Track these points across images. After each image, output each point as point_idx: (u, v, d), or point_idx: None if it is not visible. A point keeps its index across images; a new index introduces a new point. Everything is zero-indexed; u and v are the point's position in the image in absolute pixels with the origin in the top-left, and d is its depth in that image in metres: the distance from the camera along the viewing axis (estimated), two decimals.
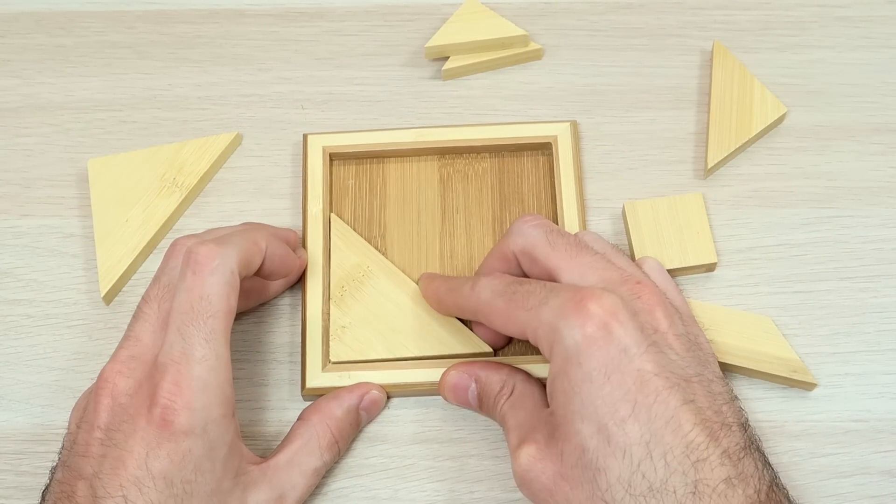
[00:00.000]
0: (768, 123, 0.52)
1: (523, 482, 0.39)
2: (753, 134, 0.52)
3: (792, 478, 0.44)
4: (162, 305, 0.41)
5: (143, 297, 0.42)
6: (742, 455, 0.37)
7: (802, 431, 0.46)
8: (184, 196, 0.51)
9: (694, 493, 0.35)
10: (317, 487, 0.44)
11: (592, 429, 0.37)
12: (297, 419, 0.45)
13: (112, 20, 0.57)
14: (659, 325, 0.39)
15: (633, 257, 0.49)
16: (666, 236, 0.49)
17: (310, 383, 0.46)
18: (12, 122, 0.54)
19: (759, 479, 0.36)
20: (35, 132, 0.54)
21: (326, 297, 0.48)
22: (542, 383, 0.44)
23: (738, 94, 0.52)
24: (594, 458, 0.37)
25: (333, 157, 0.51)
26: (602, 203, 0.51)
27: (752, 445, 0.38)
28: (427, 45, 0.54)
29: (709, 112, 0.52)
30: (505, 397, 0.43)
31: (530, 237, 0.43)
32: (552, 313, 0.38)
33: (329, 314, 0.48)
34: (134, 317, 0.42)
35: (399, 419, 0.47)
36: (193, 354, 0.39)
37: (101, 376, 0.40)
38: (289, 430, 0.44)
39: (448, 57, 0.55)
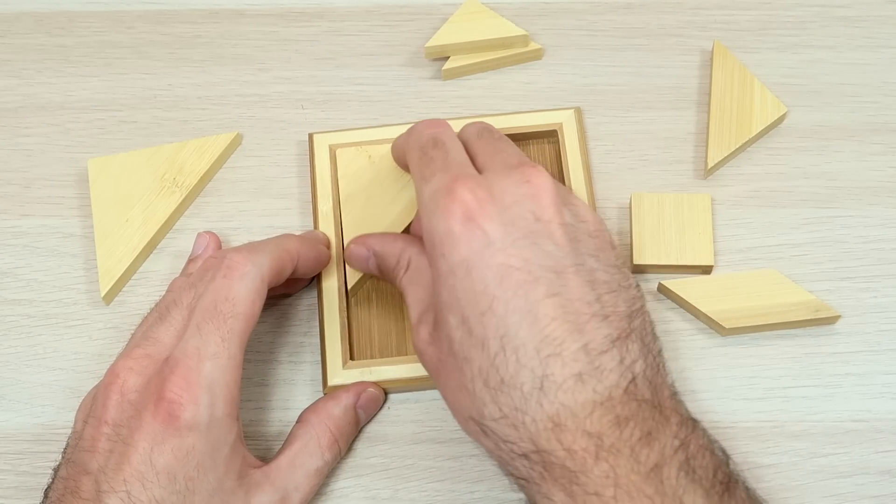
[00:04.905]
0: (768, 123, 0.52)
1: (420, 360, 0.41)
2: (753, 134, 0.52)
3: (792, 478, 0.44)
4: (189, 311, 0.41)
5: (172, 301, 0.42)
6: (607, 348, 0.36)
7: (802, 431, 0.46)
8: (184, 196, 0.51)
9: (540, 388, 0.35)
10: None
11: (458, 320, 0.37)
12: (297, 421, 0.45)
13: (112, 20, 0.57)
14: (543, 213, 0.38)
15: (632, 247, 0.49)
16: (667, 232, 0.49)
17: (331, 381, 0.46)
18: (12, 122, 0.54)
19: (619, 374, 0.35)
20: (35, 132, 0.54)
21: (343, 294, 0.48)
22: None
23: (738, 94, 0.52)
24: (460, 348, 0.37)
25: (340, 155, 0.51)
26: (602, 203, 0.51)
27: (634, 335, 0.37)
28: (427, 45, 0.54)
29: (709, 112, 0.52)
30: (402, 271, 0.43)
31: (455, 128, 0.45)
32: (428, 196, 0.39)
33: (347, 311, 0.48)
34: (159, 318, 0.41)
35: (399, 419, 0.47)
36: (206, 351, 0.39)
37: (112, 371, 0.40)
38: (289, 431, 0.44)
39: (448, 57, 0.55)
